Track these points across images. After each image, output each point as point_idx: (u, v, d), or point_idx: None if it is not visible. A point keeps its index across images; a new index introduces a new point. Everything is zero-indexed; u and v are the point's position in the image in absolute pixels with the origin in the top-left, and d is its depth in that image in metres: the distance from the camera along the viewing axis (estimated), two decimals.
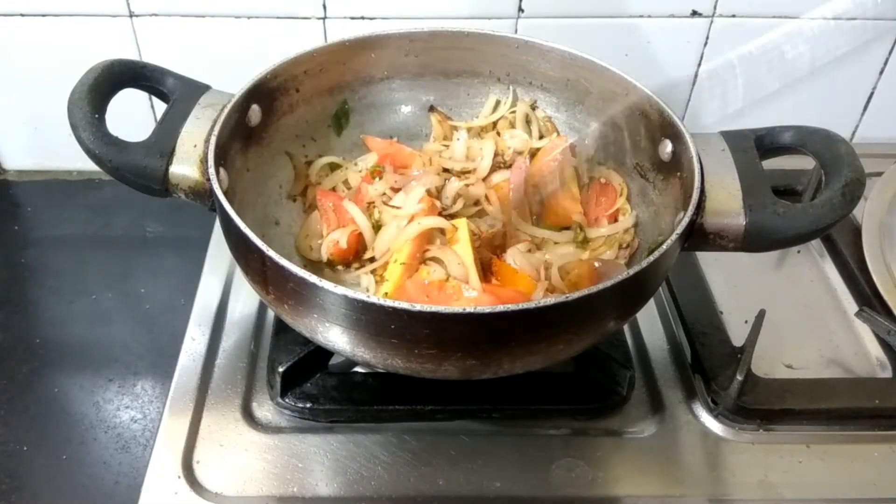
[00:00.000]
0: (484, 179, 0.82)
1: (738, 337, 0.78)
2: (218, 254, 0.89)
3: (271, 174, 0.79)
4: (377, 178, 0.78)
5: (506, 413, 0.73)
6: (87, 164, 0.66)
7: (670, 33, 0.99)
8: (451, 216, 0.75)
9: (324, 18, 0.95)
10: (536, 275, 0.72)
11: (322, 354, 0.74)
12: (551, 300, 0.54)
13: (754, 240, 0.64)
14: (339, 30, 0.95)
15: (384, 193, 0.77)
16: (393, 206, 0.74)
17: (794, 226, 0.63)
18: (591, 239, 0.78)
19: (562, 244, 0.78)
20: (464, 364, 0.58)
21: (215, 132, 0.65)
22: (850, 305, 0.86)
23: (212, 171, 0.63)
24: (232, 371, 0.76)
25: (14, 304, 0.87)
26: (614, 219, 0.79)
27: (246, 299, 0.83)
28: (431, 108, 0.87)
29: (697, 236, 0.65)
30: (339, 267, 0.76)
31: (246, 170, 0.74)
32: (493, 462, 0.70)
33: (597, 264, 0.71)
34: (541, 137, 0.85)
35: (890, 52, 1.03)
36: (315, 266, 0.77)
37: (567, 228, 0.80)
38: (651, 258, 0.58)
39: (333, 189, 0.82)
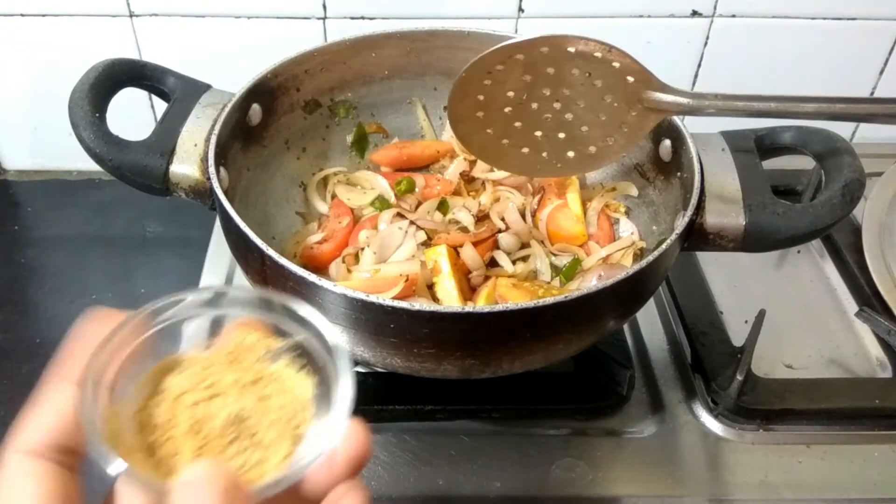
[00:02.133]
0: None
1: (738, 337, 0.78)
2: (218, 254, 0.89)
3: (272, 173, 0.79)
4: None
5: (506, 413, 0.73)
6: (87, 164, 0.66)
7: (670, 33, 0.99)
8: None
9: (324, 18, 0.95)
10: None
11: None
12: (550, 300, 0.54)
13: (754, 240, 0.64)
14: (339, 30, 0.95)
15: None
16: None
17: (794, 226, 0.63)
18: (584, 270, 0.76)
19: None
20: (463, 363, 0.58)
21: (216, 131, 0.65)
22: (850, 305, 0.86)
23: (212, 170, 0.63)
24: None
25: (14, 304, 0.87)
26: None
27: None
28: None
29: (697, 236, 0.65)
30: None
31: (246, 169, 0.74)
32: (493, 462, 0.69)
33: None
34: None
35: (890, 52, 1.03)
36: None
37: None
38: (651, 258, 0.58)
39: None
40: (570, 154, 0.64)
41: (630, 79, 0.60)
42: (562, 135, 0.63)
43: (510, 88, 0.61)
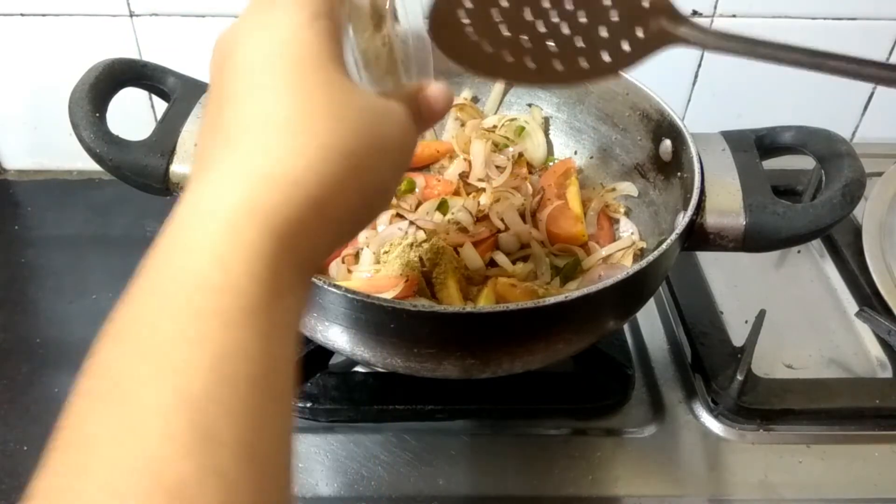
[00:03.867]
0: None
1: (738, 337, 0.78)
2: None
3: None
4: None
5: (506, 413, 0.73)
6: (87, 164, 0.66)
7: None
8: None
9: None
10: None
11: (322, 354, 0.74)
12: (550, 300, 0.54)
13: (754, 240, 0.64)
14: None
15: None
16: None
17: (794, 226, 0.63)
18: (584, 270, 0.75)
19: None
20: (463, 363, 0.58)
21: None
22: (850, 305, 0.86)
23: None
24: None
25: (14, 304, 0.87)
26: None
27: None
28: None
29: (697, 236, 0.65)
30: None
31: None
32: (493, 462, 0.70)
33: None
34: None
35: (890, 52, 1.03)
36: None
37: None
38: (651, 258, 0.58)
39: None
40: (559, 66, 0.56)
41: (645, 4, 0.56)
42: (550, 43, 0.56)
43: None
